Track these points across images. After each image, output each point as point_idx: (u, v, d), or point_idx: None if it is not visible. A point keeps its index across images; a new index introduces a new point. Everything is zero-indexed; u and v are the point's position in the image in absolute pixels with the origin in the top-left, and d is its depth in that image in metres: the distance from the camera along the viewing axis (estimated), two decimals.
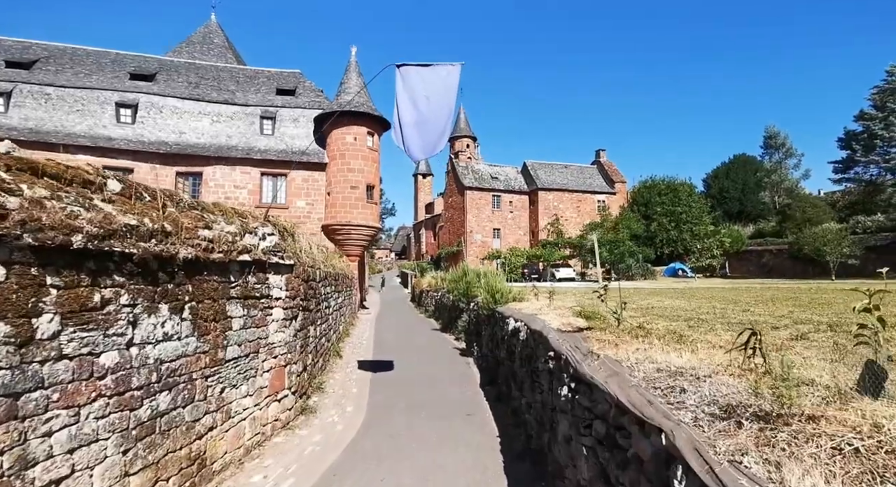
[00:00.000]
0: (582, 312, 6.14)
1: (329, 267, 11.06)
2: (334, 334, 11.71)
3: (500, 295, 9.73)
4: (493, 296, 9.84)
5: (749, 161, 63.97)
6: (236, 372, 4.77)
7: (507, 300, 9.63)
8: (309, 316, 7.34)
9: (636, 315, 6.18)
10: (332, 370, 9.82)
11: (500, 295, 9.71)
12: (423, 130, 6.47)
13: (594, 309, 5.82)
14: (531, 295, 10.07)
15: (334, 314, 11.84)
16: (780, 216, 51.58)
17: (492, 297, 9.85)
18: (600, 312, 5.46)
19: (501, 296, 9.69)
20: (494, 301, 9.70)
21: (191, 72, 24.19)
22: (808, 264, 35.67)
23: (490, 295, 9.95)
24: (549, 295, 8.20)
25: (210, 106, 22.88)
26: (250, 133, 22.99)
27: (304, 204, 22.90)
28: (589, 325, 4.95)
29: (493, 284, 10.23)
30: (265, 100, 23.98)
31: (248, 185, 22.32)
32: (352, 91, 22.92)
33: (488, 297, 9.97)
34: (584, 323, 5.19)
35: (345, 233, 22.39)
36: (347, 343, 13.85)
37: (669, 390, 2.40)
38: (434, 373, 9.65)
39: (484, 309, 10.13)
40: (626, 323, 4.82)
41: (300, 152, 23.11)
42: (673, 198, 51.13)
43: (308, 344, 7.21)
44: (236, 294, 4.80)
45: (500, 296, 9.69)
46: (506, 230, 55.30)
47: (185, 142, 21.81)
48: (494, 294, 9.84)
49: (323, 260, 10.49)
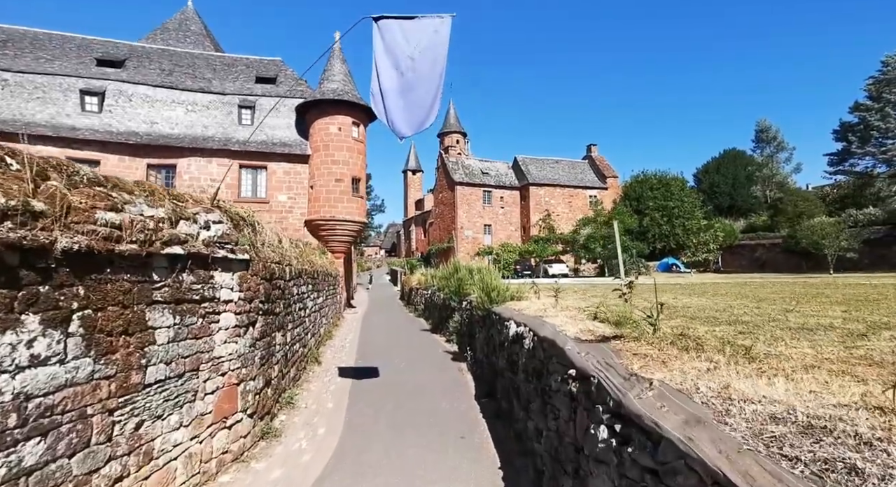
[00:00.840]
0: (599, 314, 5.12)
1: (306, 263, 9.95)
2: (313, 338, 10.61)
3: (496, 293, 8.71)
4: (488, 295, 8.82)
5: (739, 155, 63.74)
6: (162, 398, 3.67)
7: (505, 299, 8.61)
8: (274, 320, 6.24)
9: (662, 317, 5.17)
10: (308, 379, 8.73)
11: (497, 294, 8.68)
12: (409, 99, 5.38)
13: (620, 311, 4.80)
14: (531, 293, 9.05)
15: (313, 316, 10.74)
16: (771, 210, 51.27)
17: (487, 296, 8.82)
18: (629, 315, 4.43)
19: (498, 295, 8.66)
20: (490, 300, 8.68)
21: (164, 58, 22.75)
22: (802, 258, 35.36)
23: (485, 294, 8.92)
24: (555, 293, 7.16)
25: (185, 94, 21.50)
26: (228, 123, 21.67)
27: (285, 198, 21.66)
28: (616, 333, 3.92)
29: (489, 281, 9.20)
30: (244, 88, 22.64)
31: (225, 178, 20.97)
32: (336, 79, 21.71)
33: (483, 296, 8.94)
34: (606, 330, 4.17)
35: (329, 228, 21.21)
36: (329, 346, 12.74)
37: (821, 466, 1.37)
38: (423, 382, 8.60)
39: (478, 309, 9.10)
40: (662, 330, 3.80)
41: (281, 143, 21.87)
42: (665, 193, 50.63)
43: (273, 353, 6.12)
44: (163, 297, 3.69)
45: (497, 295, 8.66)
46: (497, 226, 54.41)
47: (158, 133, 20.43)
48: (490, 292, 8.81)
49: (298, 256, 9.38)
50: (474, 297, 10.39)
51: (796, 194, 49.18)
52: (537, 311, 6.52)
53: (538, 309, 6.77)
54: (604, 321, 4.73)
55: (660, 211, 49.47)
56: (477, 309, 9.17)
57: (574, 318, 5.23)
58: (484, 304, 8.80)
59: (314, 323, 10.95)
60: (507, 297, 8.67)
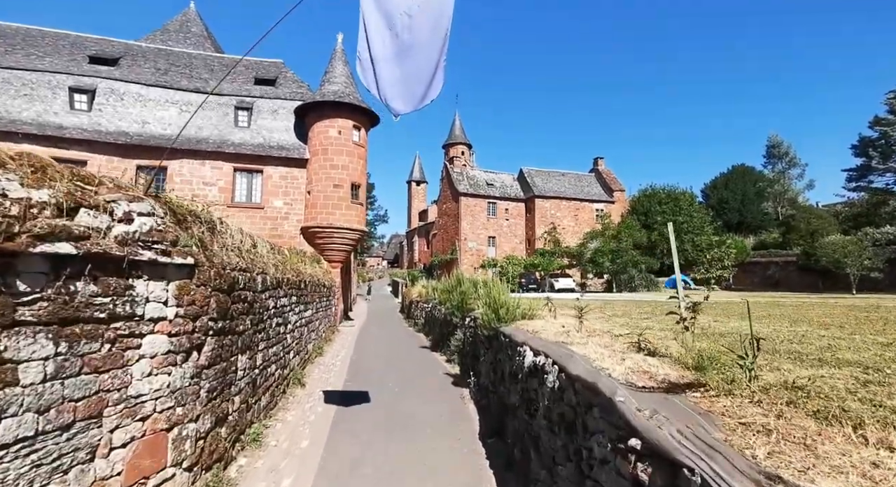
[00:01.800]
0: (644, 345, 3.94)
1: (290, 272, 8.81)
2: (297, 356, 9.43)
3: (504, 310, 7.52)
4: (495, 312, 7.64)
5: (748, 171, 62.65)
6: (29, 463, 2.51)
7: (515, 317, 7.43)
8: (236, 341, 5.08)
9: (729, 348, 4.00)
10: (285, 407, 7.53)
11: (506, 311, 7.50)
12: (406, 67, 4.27)
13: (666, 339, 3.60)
14: (544, 310, 7.88)
15: (298, 331, 9.56)
16: (783, 227, 50.00)
17: (494, 313, 7.64)
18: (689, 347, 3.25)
19: (507, 312, 7.48)
20: (498, 318, 7.50)
21: (160, 58, 21.95)
22: (818, 277, 34.18)
23: (492, 311, 7.74)
24: (579, 312, 5.96)
25: (179, 94, 20.62)
26: (224, 125, 20.74)
27: (281, 203, 20.61)
28: (688, 378, 2.75)
29: (496, 296, 8.01)
30: (242, 89, 21.75)
31: (218, 182, 20.02)
32: (337, 81, 20.81)
33: (489, 313, 7.76)
34: (669, 371, 2.99)
35: (326, 236, 20.11)
36: (318, 365, 11.54)
37: None
38: (418, 412, 7.38)
39: (484, 327, 7.92)
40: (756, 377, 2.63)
41: (279, 147, 20.90)
42: (673, 208, 49.58)
43: (232, 382, 4.94)
44: (36, 316, 2.55)
45: (506, 312, 7.48)
46: (501, 238, 53.30)
47: (149, 133, 19.50)
48: (498, 309, 7.62)
49: (279, 263, 8.25)
50: (479, 313, 9.23)
51: (809, 211, 47.98)
52: (557, 335, 5.34)
53: (558, 331, 5.59)
54: (656, 355, 3.55)
55: None
56: (482, 327, 7.99)
57: (610, 348, 4.05)
58: (490, 323, 7.62)
59: (299, 339, 9.77)
60: (518, 315, 7.49)
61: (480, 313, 9.12)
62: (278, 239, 20.09)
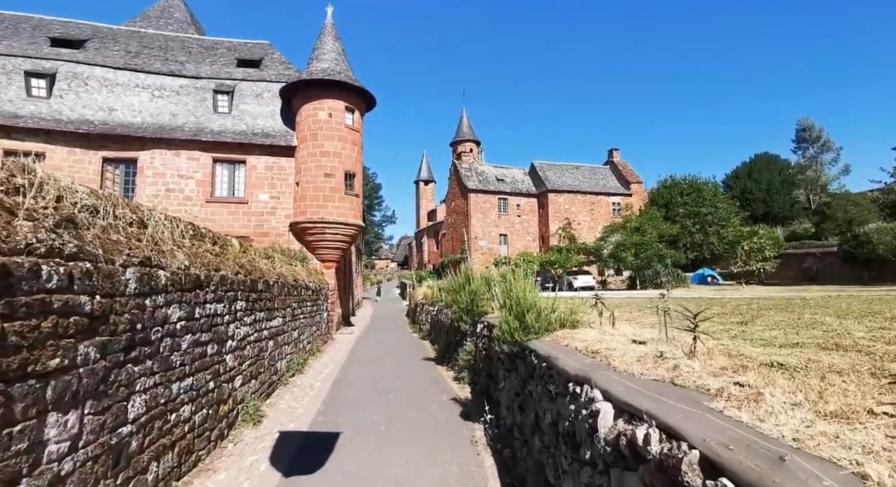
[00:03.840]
0: None
1: (232, 268, 6.41)
2: (249, 383, 7.03)
3: (534, 315, 5.04)
4: (519, 319, 5.17)
5: (773, 160, 59.39)
6: None
7: (551, 325, 4.96)
8: (39, 390, 2.68)
9: None
10: (212, 465, 5.12)
11: (536, 317, 5.01)
12: None
13: None
14: (591, 313, 5.38)
15: (253, 348, 7.18)
16: (817, 216, 46.74)
17: (518, 321, 5.17)
18: None
19: (538, 319, 5.00)
20: (524, 328, 5.02)
21: (132, 40, 19.83)
22: (862, 268, 31.28)
23: (514, 318, 5.26)
24: (663, 317, 3.48)
25: (151, 77, 18.45)
26: (201, 111, 18.53)
27: (267, 197, 18.32)
28: None
29: (520, 296, 5.52)
30: (222, 72, 19.54)
31: (196, 174, 17.78)
32: (326, 58, 18.48)
33: (510, 320, 5.28)
34: None
35: (317, 232, 17.77)
36: (292, 387, 9.14)
37: None
38: (410, 479, 4.92)
39: (503, 340, 5.43)
40: None
41: (263, 134, 18.64)
42: (697, 199, 46.62)
43: (37, 463, 2.54)
44: None
45: (536, 319, 5.00)
46: (513, 236, 50.73)
47: (116, 121, 17.34)
48: (524, 313, 5.15)
49: (216, 253, 5.86)
50: (495, 318, 6.80)
51: (846, 198, 44.70)
52: (644, 363, 2.88)
53: (641, 355, 3.12)
54: None
55: (691, 218, 45.47)
56: (501, 340, 5.50)
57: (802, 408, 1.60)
58: (514, 334, 5.15)
59: (255, 359, 7.38)
60: (555, 323, 5.01)
61: (496, 319, 6.67)
62: (264, 236, 17.82)
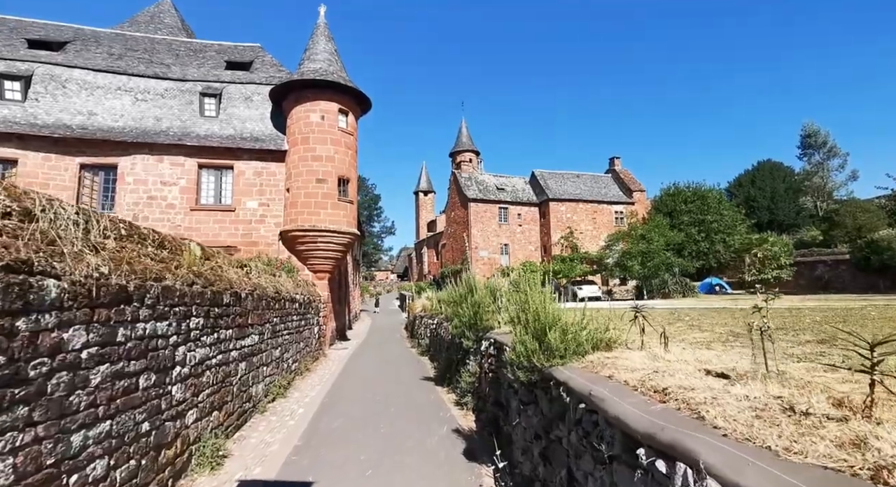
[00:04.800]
0: None
1: (184, 277, 5.31)
2: (210, 416, 5.88)
3: (557, 334, 3.93)
4: (539, 339, 4.07)
5: (776, 167, 58.68)
6: None
7: (580, 346, 3.86)
8: None
9: None
10: None
11: (561, 336, 3.91)
12: None
13: None
14: (630, 328, 4.26)
15: (217, 371, 6.04)
16: (826, 223, 45.74)
17: (536, 341, 4.06)
18: None
19: (564, 338, 3.89)
20: (546, 350, 3.92)
21: (116, 42, 18.97)
22: (877, 276, 30.30)
23: (532, 337, 4.16)
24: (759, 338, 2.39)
25: (134, 80, 17.53)
26: (187, 114, 17.58)
27: (255, 204, 17.27)
28: None
29: (538, 308, 4.42)
30: (210, 74, 18.63)
31: (180, 181, 16.75)
32: (319, 58, 17.58)
33: (528, 341, 4.16)
34: None
35: (309, 240, 16.68)
36: (270, 415, 7.97)
37: None
38: None
39: (518, 365, 4.30)
40: None
41: (252, 138, 17.65)
42: (701, 206, 45.70)
43: None
44: None
45: (561, 338, 3.89)
46: (515, 245, 49.67)
47: (96, 126, 16.37)
48: (544, 331, 4.05)
49: (162, 259, 4.76)
50: (503, 335, 5.69)
51: (854, 205, 43.79)
52: (773, 419, 1.78)
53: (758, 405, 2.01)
54: None
55: (696, 226, 44.47)
56: (514, 364, 4.37)
57: None
58: (532, 357, 4.03)
59: (219, 386, 6.24)
60: (587, 343, 3.89)
61: (505, 336, 5.56)
62: (252, 246, 16.73)
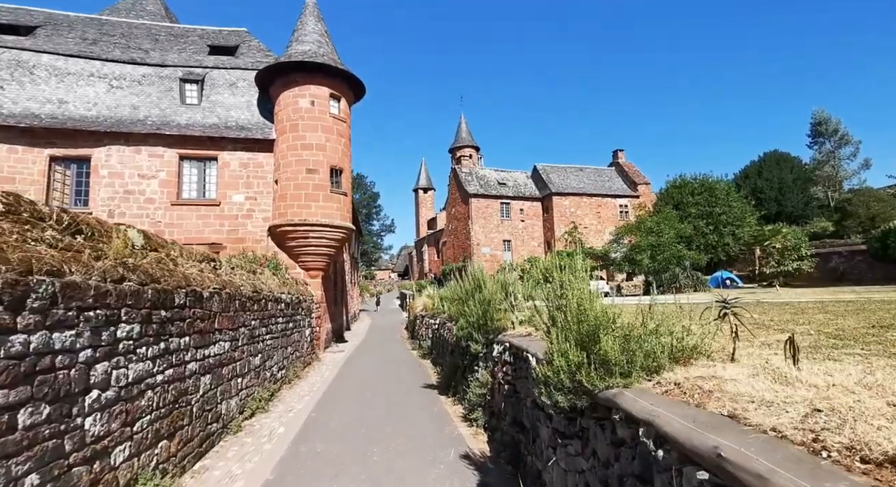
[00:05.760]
0: None
1: (146, 272, 4.05)
2: (161, 446, 4.63)
3: (618, 343, 2.70)
4: (585, 348, 2.84)
5: (783, 157, 57.33)
6: None
7: (653, 360, 2.65)
8: None
9: None
10: None
11: (622, 346, 2.68)
12: None
13: None
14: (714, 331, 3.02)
15: (166, 390, 4.79)
16: (838, 214, 44.45)
17: (584, 352, 2.84)
18: None
19: (624, 349, 2.67)
20: (602, 365, 2.69)
21: (90, 27, 17.70)
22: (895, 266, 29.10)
23: (575, 345, 2.93)
24: None
25: (108, 66, 16.28)
26: (167, 102, 16.32)
27: (242, 198, 16.01)
28: None
29: (583, 303, 3.19)
30: (191, 59, 17.36)
31: (159, 173, 15.49)
32: (308, 40, 16.32)
33: (570, 350, 2.93)
34: None
35: (300, 236, 15.44)
36: (244, 435, 6.73)
37: None
38: None
39: (556, 385, 3.06)
40: None
41: (238, 127, 16.39)
42: (708, 198, 44.46)
43: None
44: None
45: (622, 349, 2.67)
46: (517, 241, 48.45)
47: (67, 115, 15.12)
48: (594, 338, 2.82)
49: (71, 247, 3.52)
50: (520, 338, 4.46)
51: (868, 194, 42.48)
52: None
53: None
54: None
55: (704, 218, 43.22)
56: (552, 384, 3.13)
57: None
58: (577, 374, 2.78)
59: (169, 409, 5.00)
60: (662, 355, 2.65)
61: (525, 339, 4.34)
62: (239, 242, 15.49)
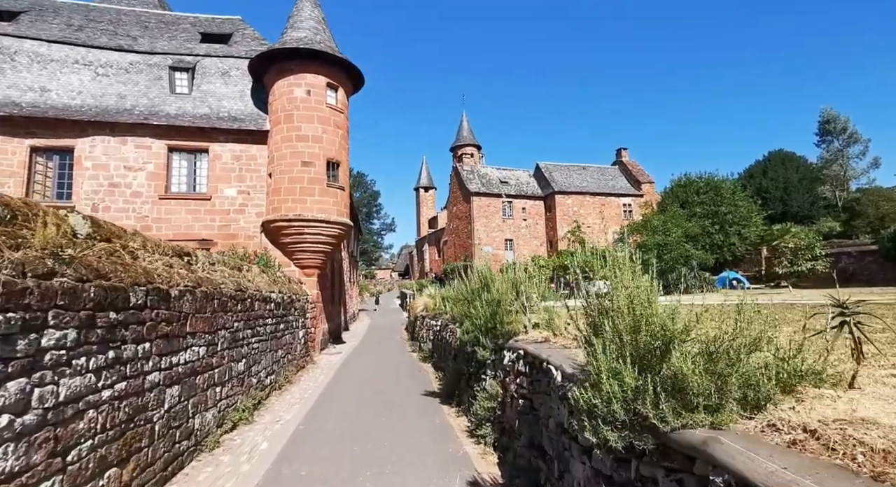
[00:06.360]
0: None
1: (89, 266, 3.27)
2: (108, 476, 3.87)
3: (699, 364, 1.94)
4: (646, 369, 2.08)
5: (788, 157, 56.60)
6: None
7: (755, 389, 1.90)
8: None
9: None
10: None
11: (706, 366, 1.93)
12: None
13: None
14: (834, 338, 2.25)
15: (116, 408, 4.04)
16: (847, 213, 43.70)
17: (644, 375, 2.08)
18: None
19: (708, 370, 1.91)
20: (675, 395, 1.93)
21: (76, 13, 16.96)
22: None
23: (632, 365, 2.17)
24: None
25: (94, 53, 15.53)
26: (155, 91, 15.56)
27: (234, 192, 15.25)
28: None
29: (641, 307, 2.44)
30: (181, 47, 16.60)
31: (147, 165, 14.74)
32: (303, 26, 15.55)
33: (627, 373, 2.18)
34: None
35: (294, 232, 14.68)
36: (221, 452, 5.96)
37: None
38: None
39: (605, 418, 2.30)
40: None
41: (230, 117, 15.63)
42: (714, 197, 43.79)
43: None
44: None
45: (705, 371, 1.91)
46: (519, 240, 47.71)
47: (50, 103, 14.37)
48: (659, 354, 2.06)
49: None
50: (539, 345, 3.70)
51: (877, 194, 41.73)
52: None
53: None
54: None
55: (710, 217, 42.52)
56: (600, 416, 2.36)
57: None
58: (635, 404, 2.01)
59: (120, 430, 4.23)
60: (768, 383, 1.89)
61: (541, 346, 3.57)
62: (231, 238, 14.72)
